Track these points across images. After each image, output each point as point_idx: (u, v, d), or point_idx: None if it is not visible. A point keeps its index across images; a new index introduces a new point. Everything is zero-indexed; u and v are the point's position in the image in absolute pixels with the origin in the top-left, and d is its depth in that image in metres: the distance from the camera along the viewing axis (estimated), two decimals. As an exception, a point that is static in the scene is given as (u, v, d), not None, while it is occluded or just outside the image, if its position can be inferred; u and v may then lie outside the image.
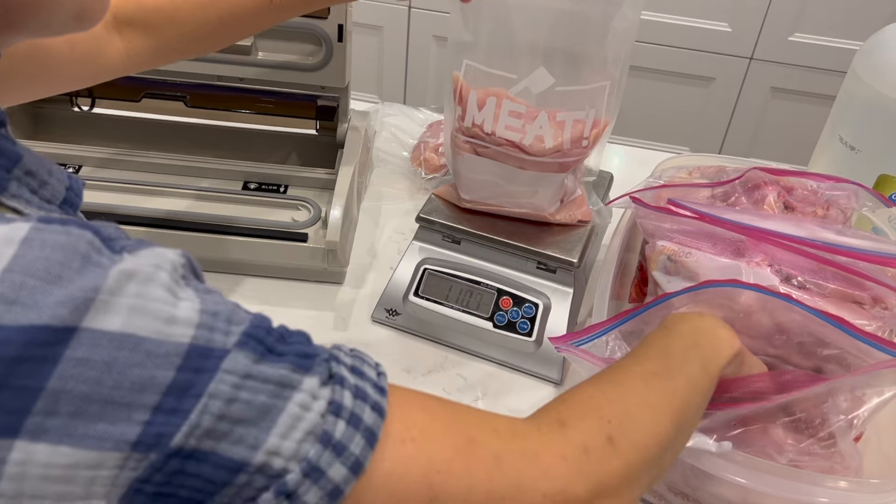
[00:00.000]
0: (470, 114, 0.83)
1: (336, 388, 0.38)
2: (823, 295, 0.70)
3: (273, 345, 0.38)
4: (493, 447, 0.43)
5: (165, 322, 0.34)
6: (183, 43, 0.70)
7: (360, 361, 0.42)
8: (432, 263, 0.91)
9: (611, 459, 0.47)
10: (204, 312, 0.36)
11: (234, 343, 0.36)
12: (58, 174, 0.42)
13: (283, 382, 0.37)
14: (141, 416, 0.33)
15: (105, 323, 0.32)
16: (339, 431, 0.37)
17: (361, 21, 1.96)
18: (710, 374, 0.59)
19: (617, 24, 0.77)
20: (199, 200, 0.93)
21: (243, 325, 0.37)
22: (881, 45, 0.92)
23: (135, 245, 0.37)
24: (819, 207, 0.81)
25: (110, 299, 0.33)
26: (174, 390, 0.34)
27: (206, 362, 0.35)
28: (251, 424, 0.35)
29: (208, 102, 1.01)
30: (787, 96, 1.95)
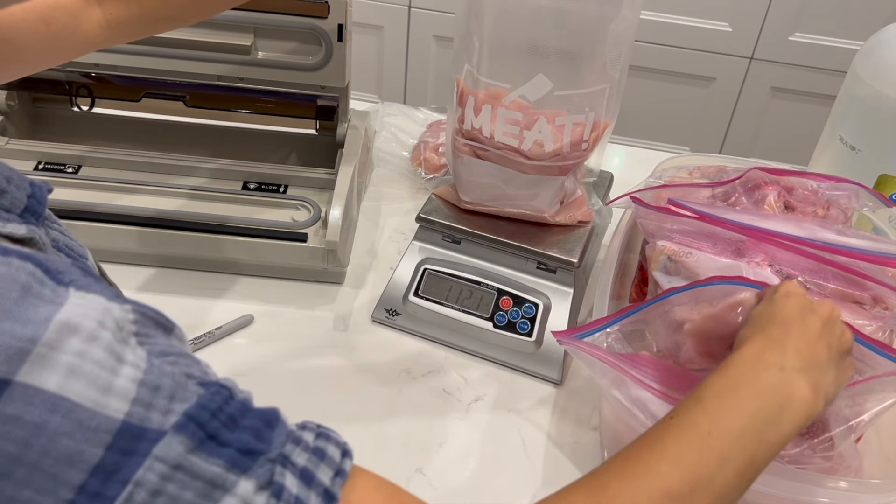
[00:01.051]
0: (469, 118, 0.83)
1: (271, 501, 0.35)
2: (824, 295, 0.70)
3: (216, 430, 0.35)
4: None
5: (102, 391, 0.32)
6: (167, 10, 0.67)
7: (316, 461, 0.38)
8: (432, 263, 0.91)
9: None
10: (144, 385, 0.33)
11: (171, 425, 0.33)
12: (17, 181, 0.40)
13: (215, 482, 0.34)
14: (65, 495, 0.31)
15: (41, 380, 0.31)
16: None
17: (361, 21, 1.95)
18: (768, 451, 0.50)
19: (616, 26, 0.77)
20: (199, 200, 0.93)
21: (187, 404, 0.34)
22: (881, 45, 0.92)
23: (86, 283, 0.35)
24: (819, 207, 0.81)
25: (48, 353, 0.31)
26: (101, 472, 0.32)
27: (137, 444, 0.32)
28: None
29: (208, 102, 1.00)
30: (788, 96, 1.95)
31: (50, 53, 0.64)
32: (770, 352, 0.54)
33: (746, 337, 0.57)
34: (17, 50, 0.60)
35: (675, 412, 0.51)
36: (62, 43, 0.63)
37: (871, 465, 0.71)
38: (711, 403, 0.50)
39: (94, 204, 0.90)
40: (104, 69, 0.96)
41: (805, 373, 0.53)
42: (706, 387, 0.52)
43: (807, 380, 0.53)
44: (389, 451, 0.77)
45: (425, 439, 0.78)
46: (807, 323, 0.56)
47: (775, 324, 0.57)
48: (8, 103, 0.98)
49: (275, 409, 0.39)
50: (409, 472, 0.75)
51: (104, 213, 0.89)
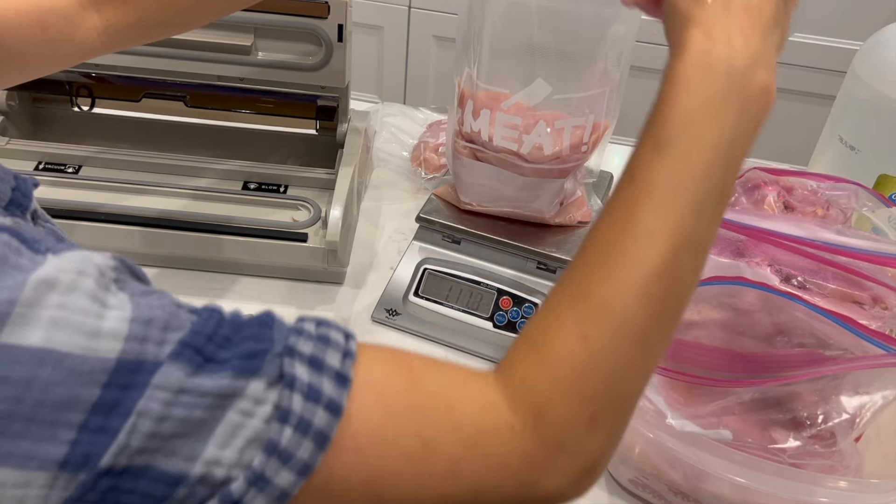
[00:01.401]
0: (468, 121, 0.83)
1: (284, 392, 0.35)
2: (823, 295, 0.70)
3: (213, 353, 0.35)
4: (451, 452, 0.38)
5: (90, 336, 0.32)
6: (166, 15, 0.67)
7: (322, 347, 0.37)
8: (432, 263, 0.91)
9: (589, 441, 0.40)
10: (135, 321, 0.33)
11: (167, 354, 0.33)
12: (1, 174, 0.40)
13: (224, 393, 0.34)
14: (66, 435, 0.31)
15: (23, 338, 0.31)
16: (285, 438, 0.34)
17: (361, 21, 1.95)
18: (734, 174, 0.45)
19: (616, 29, 0.77)
20: (199, 200, 0.93)
21: (181, 333, 0.34)
22: (881, 45, 0.92)
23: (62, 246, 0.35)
24: (819, 207, 0.81)
25: (28, 311, 0.31)
26: (101, 409, 0.32)
27: (135, 377, 0.32)
28: (186, 437, 0.33)
29: (208, 102, 1.00)
30: (787, 96, 1.95)
31: (47, 59, 0.63)
32: (713, 52, 0.45)
33: (681, 27, 0.49)
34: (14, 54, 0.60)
35: (635, 173, 0.46)
36: (59, 48, 0.63)
37: (871, 465, 0.71)
38: (670, 150, 0.45)
39: (94, 204, 0.90)
40: (104, 69, 0.96)
41: (756, 62, 0.46)
42: (659, 128, 0.46)
43: (759, 69, 0.46)
44: (389, 450, 0.77)
45: (425, 439, 0.78)
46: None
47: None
48: (8, 103, 0.98)
49: (269, 311, 0.39)
50: (409, 472, 0.75)
51: (104, 214, 0.89)
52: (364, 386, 0.37)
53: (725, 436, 0.65)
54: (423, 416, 0.38)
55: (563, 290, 0.44)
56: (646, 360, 0.42)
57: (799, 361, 0.65)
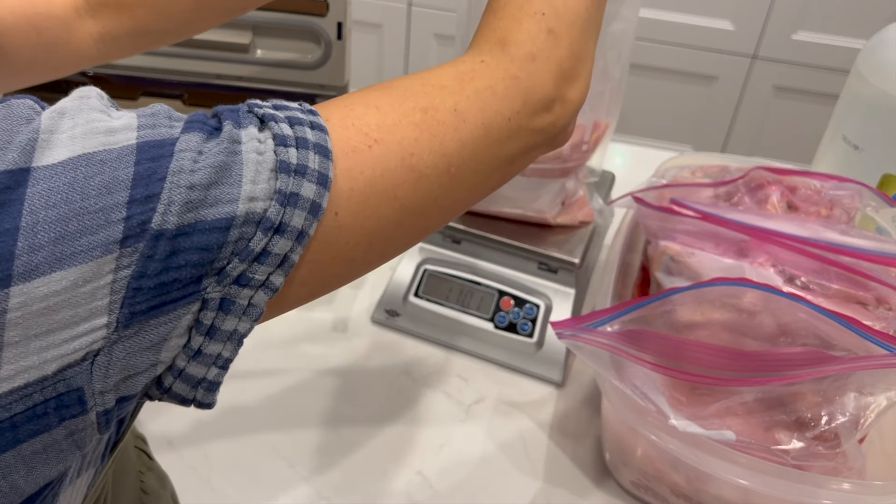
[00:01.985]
0: None
1: (272, 125, 0.39)
2: (827, 296, 0.69)
3: (215, 125, 0.39)
4: (447, 104, 0.44)
5: (108, 133, 0.35)
6: (161, 22, 0.67)
7: (278, 103, 0.42)
8: (432, 263, 0.91)
9: (557, 51, 0.47)
10: (142, 115, 0.37)
11: (180, 130, 0.37)
12: None
13: (236, 139, 0.38)
14: (119, 214, 0.34)
15: (53, 157, 0.34)
16: (292, 156, 0.38)
17: (361, 19, 1.95)
18: None
19: (614, 27, 0.76)
20: (198, 200, 0.92)
21: (183, 119, 0.38)
22: (885, 44, 0.91)
23: None
24: (822, 207, 0.80)
25: (50, 137, 0.34)
26: (139, 181, 0.35)
27: (160, 150, 0.36)
28: (221, 184, 0.36)
29: (206, 101, 1.00)
30: (791, 95, 1.94)
31: (42, 65, 0.63)
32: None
33: None
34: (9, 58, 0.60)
35: None
36: (54, 55, 0.63)
37: (874, 466, 0.71)
38: None
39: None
40: (101, 67, 0.96)
41: None
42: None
43: None
44: (389, 452, 0.76)
45: (425, 441, 0.78)
46: None
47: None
48: (6, 102, 0.98)
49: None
50: (409, 474, 0.75)
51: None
52: (349, 106, 0.43)
53: (729, 437, 0.64)
54: (409, 97, 0.44)
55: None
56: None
57: (802, 360, 0.64)
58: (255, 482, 0.73)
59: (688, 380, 0.68)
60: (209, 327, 0.37)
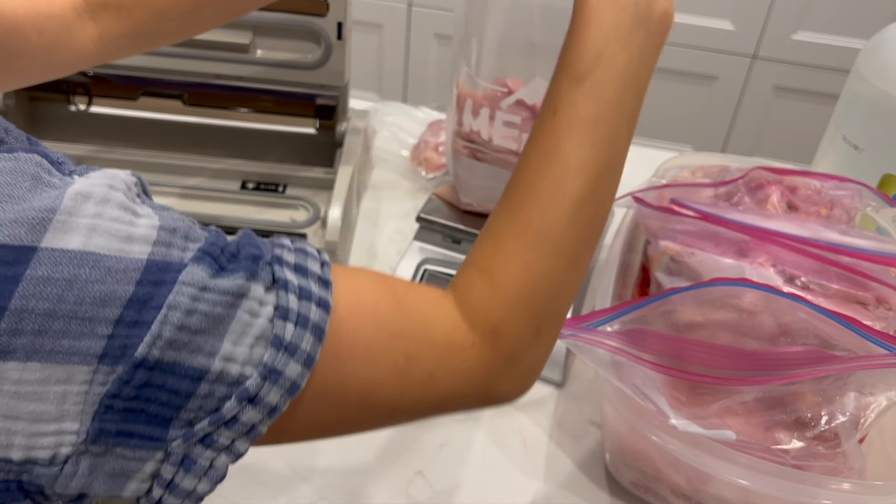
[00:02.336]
0: (467, 121, 0.83)
1: (280, 293, 0.39)
2: (827, 296, 0.69)
3: (225, 264, 0.38)
4: (428, 366, 0.44)
5: (124, 240, 0.35)
6: (160, 23, 0.68)
7: (303, 257, 0.42)
8: (432, 263, 0.91)
9: (535, 349, 0.49)
10: (162, 229, 0.37)
11: (190, 258, 0.37)
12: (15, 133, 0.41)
13: (237, 292, 0.37)
14: (104, 330, 0.34)
15: (65, 242, 0.33)
16: (288, 333, 0.38)
17: (361, 19, 1.95)
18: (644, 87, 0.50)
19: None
20: (197, 200, 0.92)
21: (199, 243, 0.38)
22: (885, 44, 0.91)
23: (84, 169, 0.38)
24: (823, 207, 0.80)
25: (68, 219, 0.34)
26: (135, 303, 0.34)
27: (164, 275, 0.35)
28: (208, 333, 0.36)
29: (206, 101, 1.00)
30: (791, 95, 1.94)
31: (42, 65, 0.64)
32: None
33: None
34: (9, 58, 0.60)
35: (556, 107, 0.49)
36: (55, 55, 0.63)
37: (874, 466, 0.70)
38: (586, 83, 0.48)
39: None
40: (101, 67, 0.96)
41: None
42: (574, 61, 0.48)
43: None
44: (389, 453, 0.76)
45: (425, 441, 0.78)
46: None
47: None
48: (5, 102, 0.98)
49: (248, 230, 0.43)
50: (409, 475, 0.75)
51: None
52: (358, 305, 0.43)
53: (729, 436, 0.64)
54: (407, 335, 0.44)
55: (504, 218, 0.50)
56: (577, 275, 0.50)
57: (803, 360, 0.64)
58: (256, 482, 0.73)
59: (688, 379, 0.67)
60: (169, 482, 0.38)
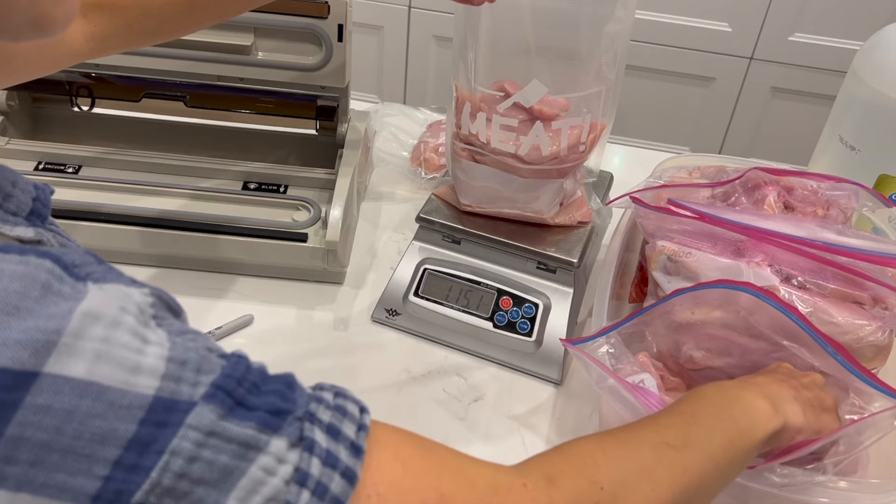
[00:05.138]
0: (465, 123, 0.83)
1: (304, 455, 0.36)
2: (823, 295, 0.70)
3: (243, 397, 0.36)
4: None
5: (130, 371, 0.33)
6: (152, 23, 0.67)
7: (339, 416, 0.39)
8: (432, 263, 0.91)
9: None
10: (171, 361, 0.34)
11: (201, 395, 0.34)
12: (22, 185, 0.40)
13: (248, 444, 0.35)
14: (101, 471, 0.32)
15: (68, 368, 0.31)
16: (302, 502, 0.35)
17: (361, 21, 1.95)
18: (737, 450, 0.54)
19: (610, 28, 0.77)
20: (199, 200, 0.93)
21: (213, 375, 0.35)
22: (881, 45, 0.92)
23: (101, 273, 0.35)
24: (819, 207, 0.81)
25: (74, 342, 0.32)
26: (135, 445, 0.32)
27: (170, 416, 0.33)
28: (211, 486, 0.34)
29: (208, 102, 1.00)
30: (788, 96, 1.95)
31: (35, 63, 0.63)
32: (730, 388, 0.59)
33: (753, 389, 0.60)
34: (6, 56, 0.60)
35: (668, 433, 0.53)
36: (47, 53, 0.63)
37: (872, 465, 0.71)
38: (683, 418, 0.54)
39: (94, 204, 0.90)
40: (104, 69, 0.96)
41: (765, 396, 0.58)
42: (674, 422, 0.54)
43: (765, 398, 0.58)
44: (389, 451, 0.77)
45: (425, 439, 0.78)
46: (772, 373, 0.63)
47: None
48: (8, 103, 0.98)
49: (290, 374, 0.40)
50: (409, 472, 0.75)
51: (104, 214, 0.89)
52: (382, 445, 0.40)
53: (649, 382, 0.66)
54: (437, 473, 0.41)
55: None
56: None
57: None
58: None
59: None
60: None
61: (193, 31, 0.72)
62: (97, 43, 0.66)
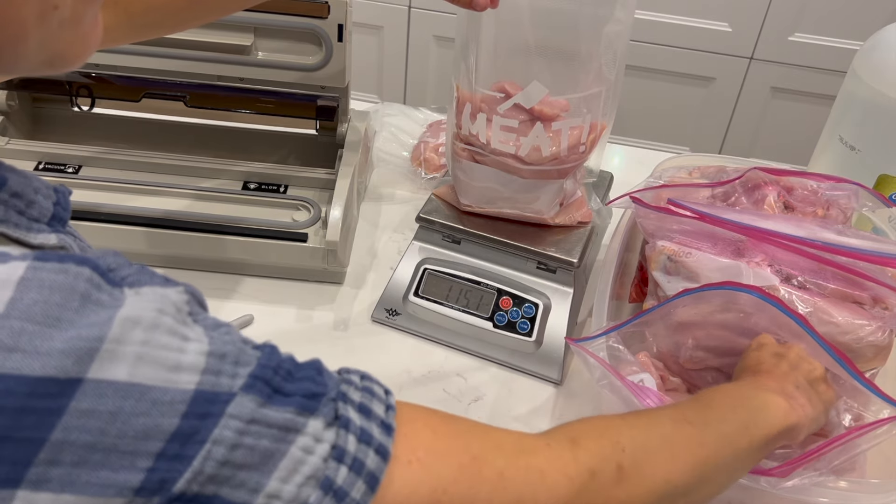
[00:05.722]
0: (465, 124, 0.83)
1: (340, 433, 0.38)
2: (823, 295, 0.70)
3: (280, 384, 0.37)
4: (497, 464, 0.43)
5: (171, 369, 0.34)
6: (154, 17, 0.68)
7: (368, 397, 0.41)
8: (432, 263, 0.91)
9: (616, 488, 0.47)
10: (211, 355, 0.35)
11: (240, 386, 0.36)
12: (44, 191, 0.41)
13: (288, 426, 0.36)
14: (144, 463, 0.33)
15: (111, 373, 0.32)
16: (340, 477, 0.37)
17: (361, 21, 1.95)
18: (751, 438, 0.55)
19: (609, 29, 0.77)
20: (199, 200, 0.93)
21: (250, 367, 0.37)
22: (881, 45, 0.92)
23: (136, 276, 0.36)
24: (819, 207, 0.81)
25: (116, 348, 0.32)
26: (179, 437, 0.33)
27: (211, 407, 0.34)
28: (253, 469, 0.35)
29: (208, 102, 1.00)
30: (788, 96, 1.95)
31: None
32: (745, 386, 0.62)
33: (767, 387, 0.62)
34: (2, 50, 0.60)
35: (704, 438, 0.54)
36: None
37: (871, 464, 0.71)
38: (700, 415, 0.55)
39: (94, 204, 0.90)
40: (104, 69, 0.96)
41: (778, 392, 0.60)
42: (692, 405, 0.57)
43: (780, 395, 0.60)
44: (389, 450, 0.77)
45: (425, 439, 0.78)
46: (777, 366, 0.64)
47: (748, 371, 0.65)
48: (8, 103, 0.98)
49: (318, 360, 0.42)
50: (409, 472, 0.75)
51: (104, 214, 0.89)
52: (412, 419, 0.43)
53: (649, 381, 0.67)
54: (466, 438, 0.44)
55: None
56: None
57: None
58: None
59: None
60: None
61: (195, 25, 0.72)
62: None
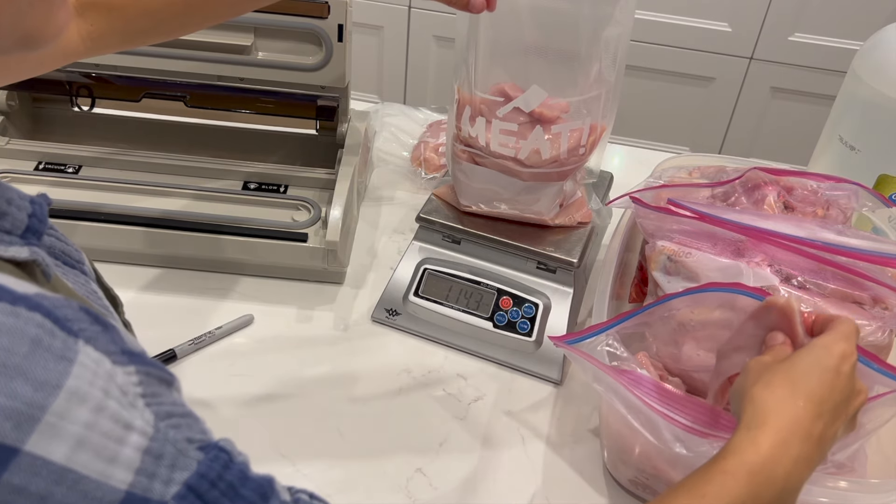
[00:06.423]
0: (465, 127, 0.83)
1: None
2: (823, 295, 0.70)
3: (216, 500, 0.36)
4: None
5: (108, 462, 0.33)
6: (149, 23, 0.67)
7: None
8: (432, 263, 0.91)
9: None
10: (148, 454, 0.34)
11: (172, 495, 0.34)
12: (17, 202, 0.40)
13: None
14: None
15: (49, 450, 0.31)
16: None
17: (362, 21, 1.96)
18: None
19: (609, 30, 0.77)
20: (199, 200, 0.93)
21: (188, 473, 0.35)
22: (881, 45, 0.92)
23: (94, 333, 0.35)
24: (819, 207, 0.81)
25: (58, 423, 0.31)
26: None
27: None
28: None
29: (208, 102, 1.00)
30: (787, 96, 1.95)
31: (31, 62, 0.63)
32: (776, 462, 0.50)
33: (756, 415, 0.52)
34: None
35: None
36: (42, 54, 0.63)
37: (871, 464, 0.71)
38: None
39: (94, 204, 0.90)
40: (104, 69, 0.96)
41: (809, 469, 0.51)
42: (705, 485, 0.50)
43: (807, 470, 0.51)
44: (389, 451, 0.77)
45: (425, 439, 0.78)
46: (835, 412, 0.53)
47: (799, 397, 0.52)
48: (8, 103, 0.98)
49: (270, 479, 0.39)
50: (409, 472, 0.75)
51: (104, 214, 0.89)
52: None
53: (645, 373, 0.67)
54: None
55: None
56: None
57: None
58: (257, 480, 0.74)
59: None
60: None
61: (191, 31, 0.72)
62: (94, 42, 0.66)
